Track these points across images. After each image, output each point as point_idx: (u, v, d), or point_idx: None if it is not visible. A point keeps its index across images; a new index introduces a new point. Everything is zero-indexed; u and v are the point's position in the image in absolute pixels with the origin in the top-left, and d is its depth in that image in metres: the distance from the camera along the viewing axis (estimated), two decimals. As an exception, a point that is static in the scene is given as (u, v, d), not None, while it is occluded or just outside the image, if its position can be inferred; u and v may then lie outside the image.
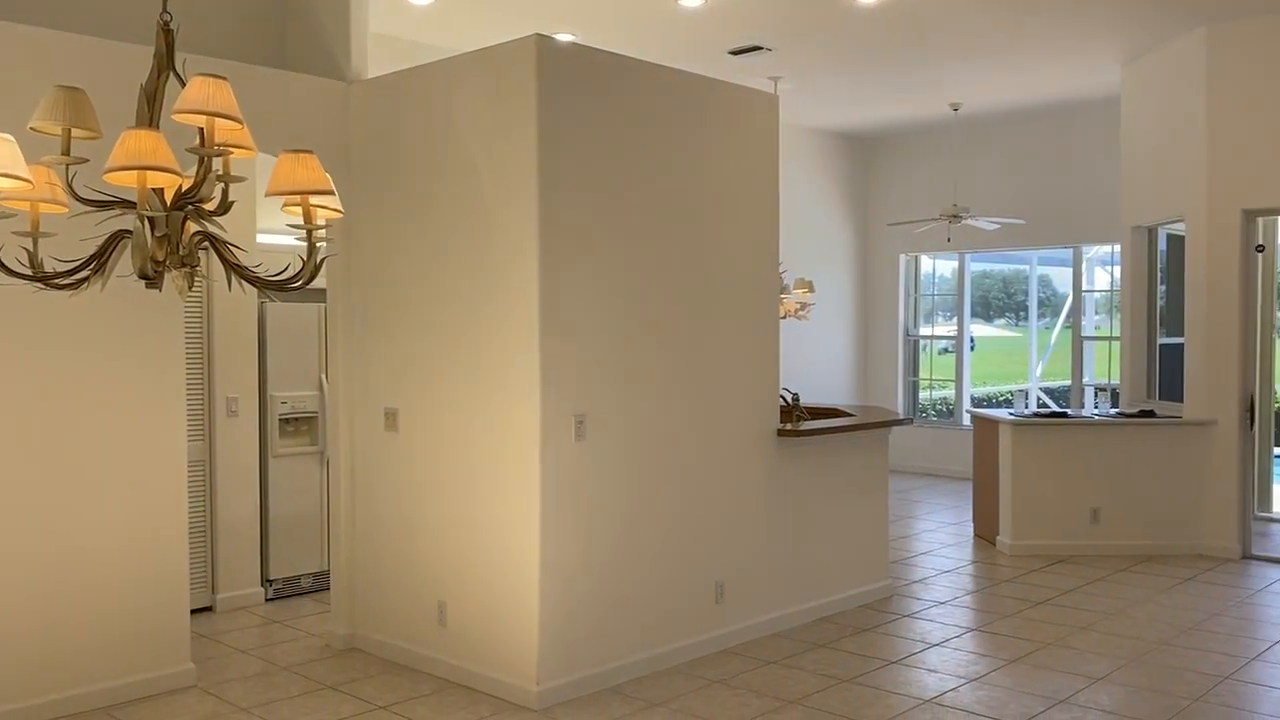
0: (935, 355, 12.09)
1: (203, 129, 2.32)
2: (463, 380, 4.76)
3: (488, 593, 4.65)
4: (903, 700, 4.56)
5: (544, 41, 4.44)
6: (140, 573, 4.56)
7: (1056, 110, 10.12)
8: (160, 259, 2.40)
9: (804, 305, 8.80)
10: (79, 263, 2.52)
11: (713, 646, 5.17)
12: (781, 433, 5.50)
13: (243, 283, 2.53)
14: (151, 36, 2.57)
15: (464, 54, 4.79)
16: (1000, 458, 7.59)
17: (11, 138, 2.42)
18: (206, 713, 4.40)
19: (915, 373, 11.88)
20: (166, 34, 2.52)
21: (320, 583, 6.32)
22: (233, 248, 2.52)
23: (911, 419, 11.04)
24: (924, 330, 11.90)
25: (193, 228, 2.46)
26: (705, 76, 5.19)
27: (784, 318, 8.06)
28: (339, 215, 2.56)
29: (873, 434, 6.12)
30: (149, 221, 2.38)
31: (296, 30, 5.64)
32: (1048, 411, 8.22)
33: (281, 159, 2.37)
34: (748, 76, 8.30)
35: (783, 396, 5.76)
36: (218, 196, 2.44)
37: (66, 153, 2.43)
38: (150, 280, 2.43)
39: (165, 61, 2.52)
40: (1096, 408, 10.69)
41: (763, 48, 7.87)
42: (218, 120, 2.30)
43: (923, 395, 12.05)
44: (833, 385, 11.39)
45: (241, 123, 2.35)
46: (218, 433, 5.94)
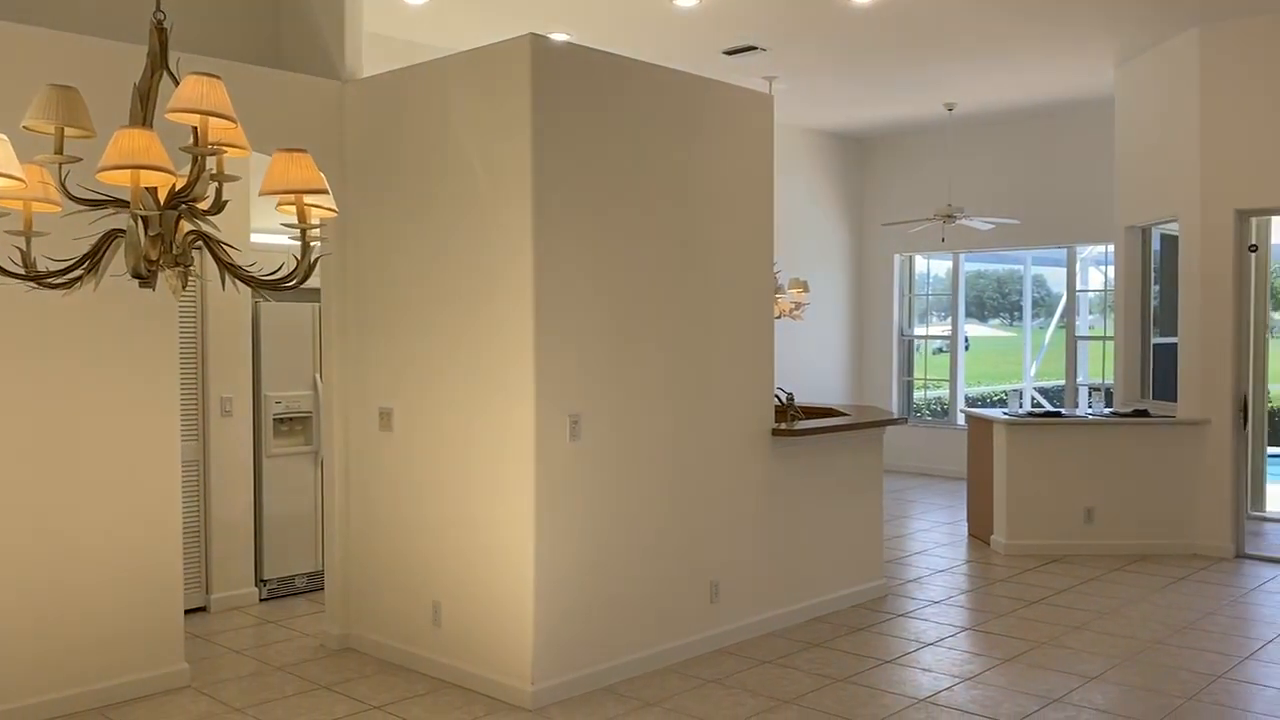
0: (930, 355, 12.10)
1: (196, 128, 2.32)
2: (458, 380, 4.75)
3: (483, 592, 4.65)
4: (897, 699, 4.56)
5: (539, 41, 4.44)
6: (134, 573, 4.55)
7: (1051, 110, 10.14)
8: (154, 258, 2.40)
9: (799, 305, 8.80)
10: (72, 262, 2.52)
11: (707, 646, 5.17)
12: (776, 432, 5.50)
13: (237, 282, 2.52)
14: (145, 35, 2.57)
15: (459, 53, 4.78)
16: (995, 457, 7.60)
17: (4, 136, 2.42)
18: (201, 713, 4.39)
19: (910, 372, 11.89)
20: (160, 32, 2.52)
21: (315, 583, 6.31)
22: (226, 247, 2.52)
23: (906, 419, 11.04)
24: (918, 330, 11.91)
25: (186, 227, 2.45)
26: (700, 76, 5.19)
27: (779, 318, 8.06)
28: (333, 215, 2.55)
29: (867, 434, 6.13)
30: (142, 221, 2.37)
31: (291, 29, 5.63)
32: (1042, 411, 8.23)
33: (275, 158, 2.37)
34: (742, 77, 8.31)
35: (777, 396, 5.77)
36: (211, 195, 2.44)
37: (59, 151, 2.43)
38: (144, 280, 2.43)
39: (159, 60, 2.52)
40: (1090, 407, 10.70)
41: (757, 48, 7.87)
42: (211, 119, 2.30)
43: (917, 395, 12.06)
44: (827, 385, 11.40)
45: (235, 121, 2.34)
46: (212, 432, 5.93)
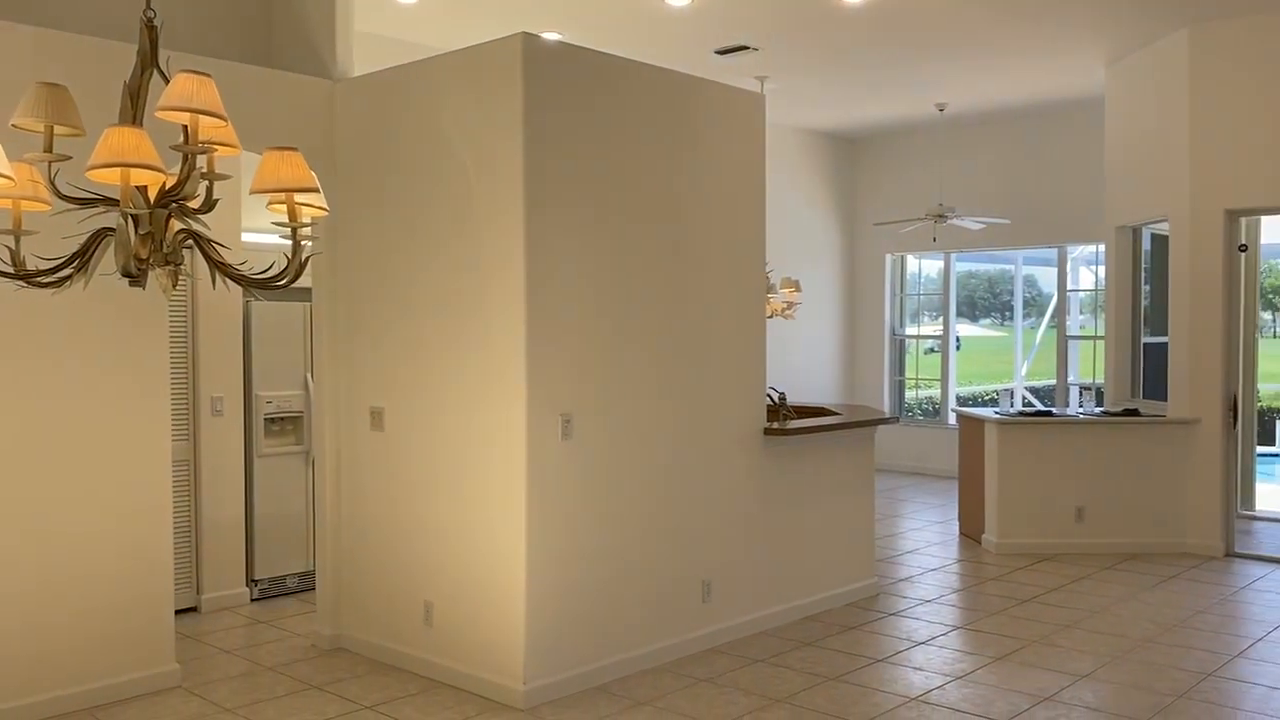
0: (921, 355, 12.12)
1: (187, 126, 2.31)
2: (450, 379, 4.75)
3: (474, 592, 4.64)
4: (889, 698, 4.57)
5: (530, 40, 4.43)
6: (124, 573, 4.54)
7: (1041, 110, 10.17)
8: (144, 257, 2.39)
9: (790, 305, 8.81)
10: (62, 261, 2.51)
11: (699, 645, 5.18)
12: (768, 431, 5.51)
13: (227, 281, 2.52)
14: (135, 33, 2.56)
15: (450, 53, 4.78)
16: (986, 456, 7.62)
17: (-7, 135, 2.41)
18: (191, 713, 4.38)
19: (901, 372, 11.91)
20: (150, 31, 2.51)
21: (306, 583, 6.30)
22: (217, 246, 2.51)
23: (897, 418, 11.07)
24: (910, 330, 11.93)
25: (176, 225, 2.44)
26: (692, 76, 5.19)
27: (770, 317, 8.07)
28: (324, 213, 2.55)
29: (859, 433, 6.14)
30: (132, 219, 2.37)
31: (282, 28, 5.62)
32: (1033, 410, 8.25)
33: (266, 156, 2.36)
34: (734, 76, 8.32)
35: (769, 395, 5.77)
36: (202, 194, 2.43)
37: (49, 150, 2.42)
38: (134, 278, 2.42)
39: (149, 58, 2.51)
40: (1081, 407, 10.74)
41: (749, 47, 7.88)
42: (202, 117, 2.29)
43: (909, 394, 12.09)
44: (819, 384, 11.41)
45: (226, 120, 2.34)
46: (202, 432, 5.91)
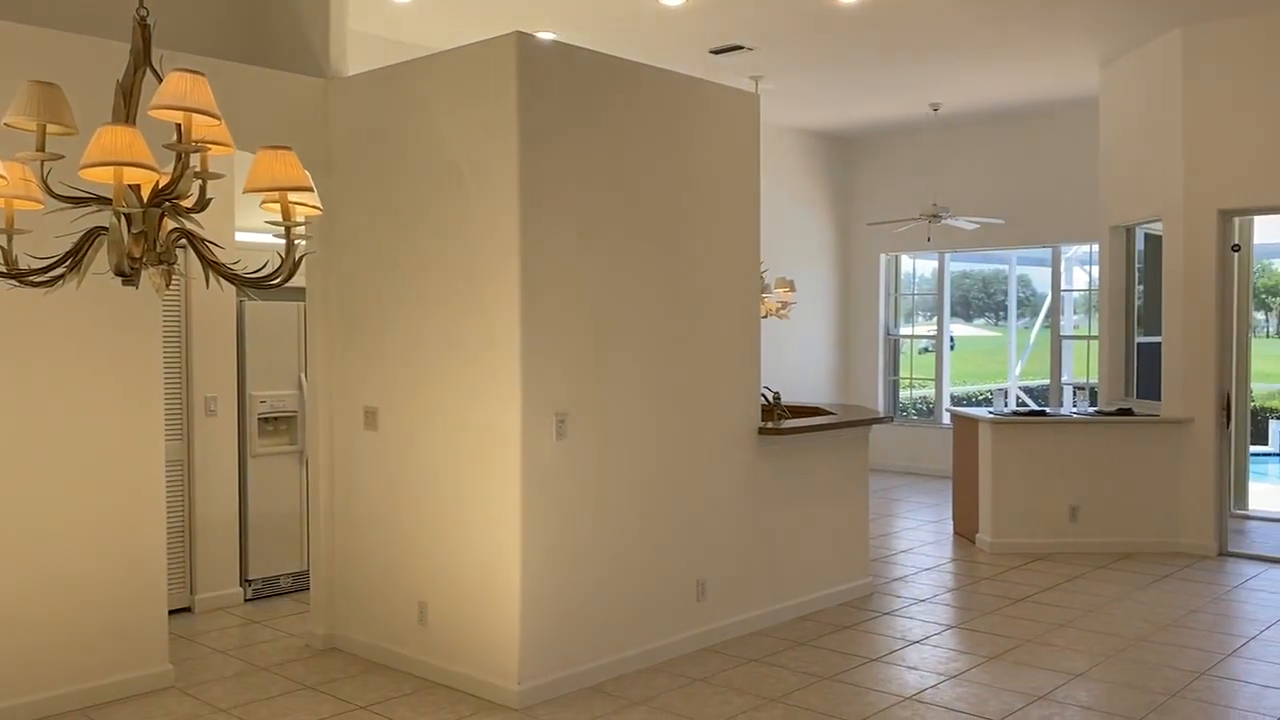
0: (915, 354, 12.14)
1: (180, 125, 2.31)
2: (443, 379, 4.74)
3: (469, 592, 4.64)
4: (883, 697, 4.57)
5: (525, 40, 4.43)
6: (118, 573, 4.53)
7: (1035, 111, 10.18)
8: (137, 256, 2.39)
9: (785, 304, 8.81)
10: (54, 260, 2.50)
11: (694, 644, 5.18)
12: (763, 431, 5.51)
13: (221, 280, 2.51)
14: (128, 32, 2.55)
15: (445, 52, 4.77)
16: (980, 456, 7.63)
17: (-15, 133, 2.40)
18: (185, 714, 4.37)
19: (895, 372, 11.92)
20: (143, 29, 2.50)
21: (300, 583, 6.29)
22: (210, 245, 2.51)
23: (892, 417, 11.06)
24: (904, 330, 11.95)
25: (170, 225, 2.44)
26: (687, 75, 5.19)
27: (765, 317, 8.07)
28: (318, 212, 2.54)
29: (853, 432, 6.14)
30: (125, 218, 2.36)
31: (275, 27, 5.61)
32: (1027, 410, 8.26)
33: (260, 155, 2.36)
34: (729, 76, 8.32)
35: (764, 395, 5.77)
36: (195, 193, 2.43)
37: (41, 149, 2.41)
38: (127, 278, 2.41)
39: (142, 57, 2.50)
40: (1075, 406, 10.76)
41: (744, 47, 7.88)
42: (195, 116, 2.29)
43: (903, 394, 12.10)
44: (814, 384, 11.42)
45: (219, 118, 2.33)
46: (196, 432, 5.90)
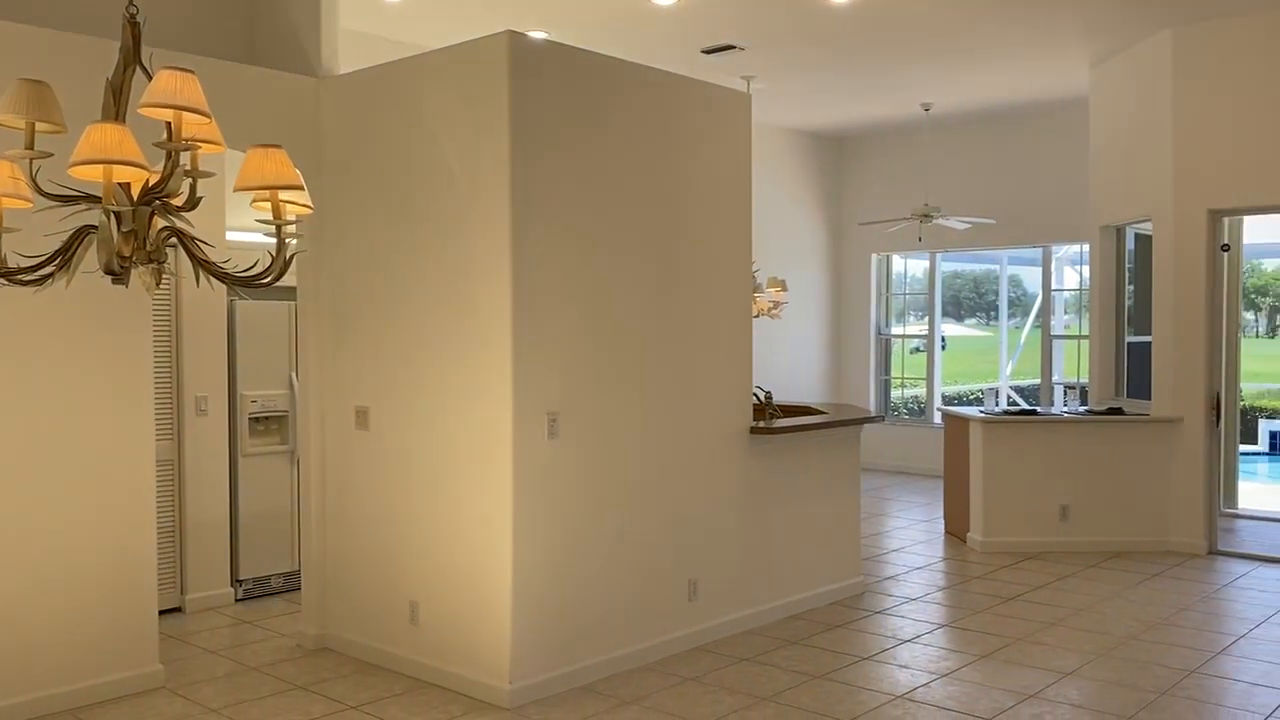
0: (907, 354, 12.16)
1: (170, 123, 2.30)
2: (435, 378, 4.74)
3: (460, 591, 4.63)
4: (874, 696, 4.58)
5: (517, 38, 4.43)
6: (108, 573, 4.51)
7: (1026, 111, 10.21)
8: (126, 255, 2.38)
9: (777, 304, 8.82)
10: (44, 258, 2.49)
11: (686, 644, 5.18)
12: (754, 430, 5.51)
13: (211, 279, 2.50)
14: (117, 30, 2.54)
15: (436, 50, 4.77)
16: (971, 455, 7.64)
17: (-26, 131, 2.39)
18: (175, 714, 4.36)
19: (887, 371, 11.94)
20: (133, 27, 2.49)
21: (291, 583, 6.27)
22: (201, 243, 2.50)
23: (883, 417, 11.11)
24: (896, 329, 11.97)
25: (160, 223, 2.43)
26: (678, 74, 5.20)
27: (757, 316, 8.08)
28: (309, 211, 2.53)
29: (845, 432, 6.15)
30: (115, 217, 2.35)
31: (266, 25, 5.59)
32: (1018, 409, 8.29)
33: (250, 153, 2.35)
34: (721, 76, 8.32)
35: (755, 395, 5.78)
36: (185, 192, 2.42)
37: (30, 147, 2.40)
38: (116, 276, 2.41)
39: (131, 55, 2.49)
40: (1066, 406, 10.79)
41: (735, 47, 7.88)
42: (185, 114, 2.28)
43: (894, 394, 12.12)
44: (805, 384, 11.43)
45: (209, 117, 2.32)
46: (187, 432, 5.88)
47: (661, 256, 5.07)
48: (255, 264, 2.52)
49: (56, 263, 2.48)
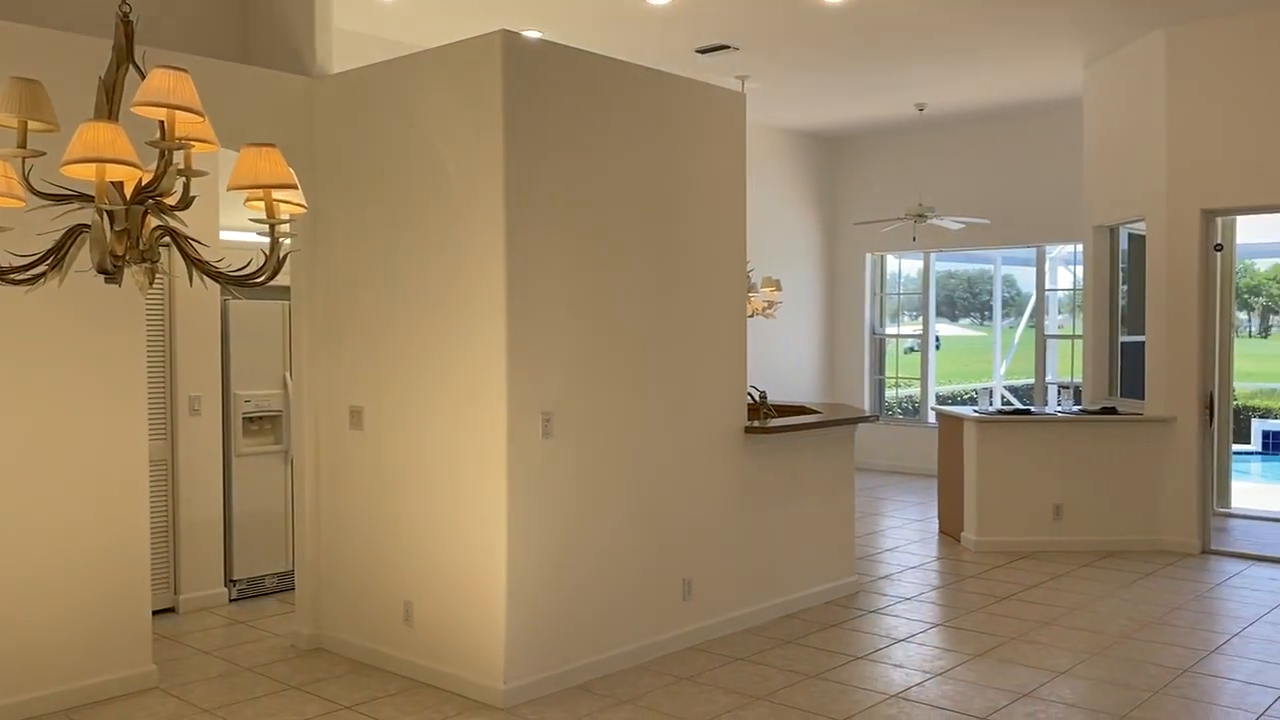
0: (901, 354, 12.18)
1: (163, 122, 2.29)
2: (429, 378, 4.73)
3: (454, 591, 4.63)
4: (869, 695, 4.59)
5: (511, 38, 4.42)
6: (101, 573, 4.50)
7: (1020, 111, 10.22)
8: (119, 254, 2.37)
9: (771, 304, 8.83)
10: (36, 257, 2.48)
11: (680, 643, 5.18)
12: (749, 430, 5.51)
13: (204, 278, 2.50)
14: (110, 29, 2.54)
15: (430, 50, 4.76)
16: (965, 455, 7.65)
17: (-34, 130, 2.38)
18: (169, 714, 4.35)
19: (881, 371, 11.96)
20: (126, 26, 2.48)
21: (285, 583, 6.26)
22: (194, 243, 2.49)
23: (877, 416, 11.12)
24: (890, 329, 11.98)
25: (153, 222, 2.43)
26: (673, 74, 5.20)
27: (751, 316, 8.08)
28: (302, 210, 2.53)
29: (839, 431, 6.16)
30: (108, 215, 2.35)
31: (260, 25, 5.58)
32: (1011, 409, 8.30)
33: (244, 152, 2.35)
34: (715, 76, 8.33)
35: (750, 394, 5.78)
36: (179, 190, 2.41)
37: (23, 145, 2.40)
38: (109, 276, 2.40)
39: (124, 54, 2.48)
40: (1059, 405, 10.81)
41: (730, 47, 7.89)
42: (179, 113, 2.27)
43: (889, 393, 12.13)
44: (800, 383, 11.44)
45: (203, 115, 2.32)
46: (180, 431, 5.87)
47: (656, 256, 5.07)
48: (249, 263, 2.51)
49: (49, 262, 2.47)
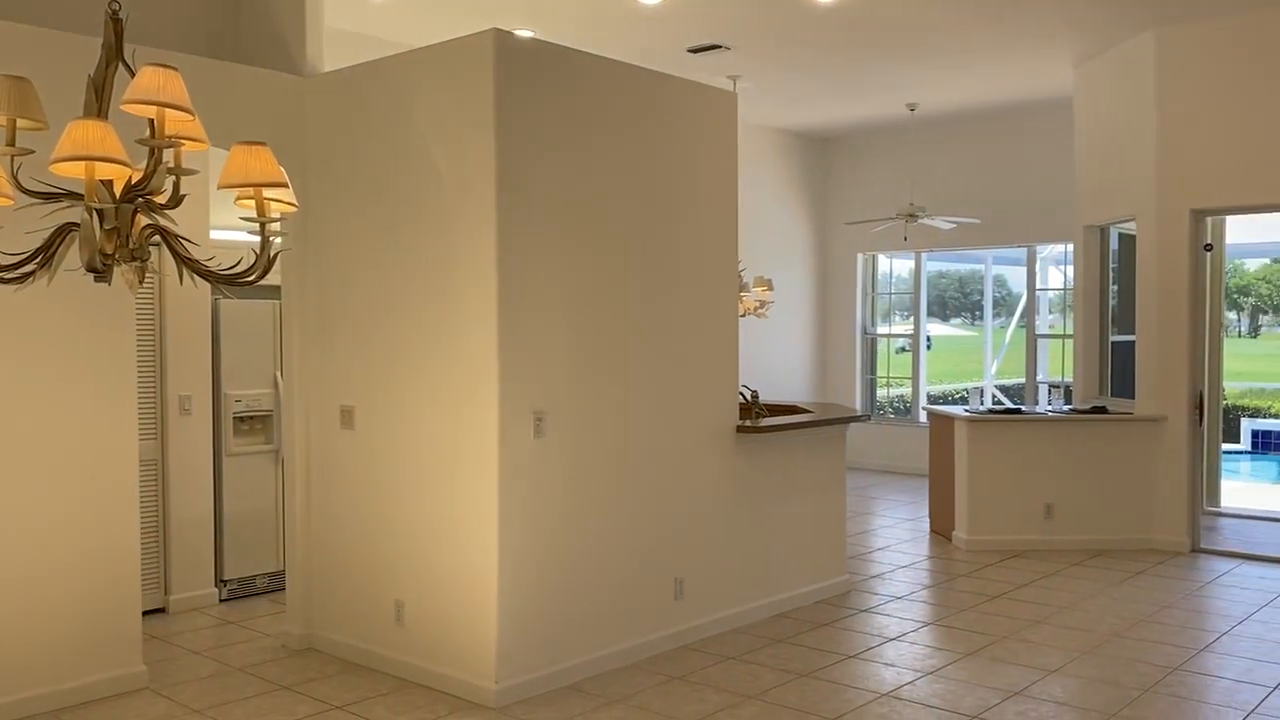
0: (892, 353, 12.20)
1: (153, 120, 2.28)
2: (421, 377, 4.72)
3: (446, 591, 4.62)
4: (860, 694, 4.59)
5: (502, 36, 4.42)
6: (91, 573, 4.48)
7: (1011, 111, 10.25)
8: (109, 252, 2.36)
9: (763, 303, 8.83)
10: (25, 256, 2.47)
11: (672, 643, 5.18)
12: (740, 429, 5.52)
13: (195, 277, 2.49)
14: (100, 27, 2.53)
15: (422, 48, 4.75)
16: (956, 454, 7.67)
17: (-46, 128, 2.37)
18: (159, 715, 4.34)
19: (873, 370, 11.97)
20: (115, 24, 2.48)
21: (276, 583, 6.25)
22: (184, 241, 2.49)
23: (869, 416, 11.14)
24: (881, 329, 12.00)
25: (143, 221, 2.42)
26: (664, 74, 5.20)
27: (743, 316, 8.09)
28: (293, 209, 2.53)
29: (830, 430, 6.16)
30: (97, 214, 2.34)
31: (251, 23, 5.57)
32: (1002, 408, 8.32)
33: (234, 151, 2.34)
34: (707, 75, 8.33)
35: (742, 394, 5.78)
36: (169, 189, 2.41)
37: (12, 144, 2.39)
38: (99, 274, 2.39)
39: (114, 52, 2.48)
40: (1050, 404, 10.84)
41: (721, 46, 7.89)
42: (168, 111, 2.27)
43: (880, 393, 12.15)
44: (791, 383, 11.45)
45: (193, 114, 2.31)
46: (170, 431, 5.85)
47: (648, 256, 5.07)
48: (239, 262, 2.51)
49: (38, 260, 2.46)
